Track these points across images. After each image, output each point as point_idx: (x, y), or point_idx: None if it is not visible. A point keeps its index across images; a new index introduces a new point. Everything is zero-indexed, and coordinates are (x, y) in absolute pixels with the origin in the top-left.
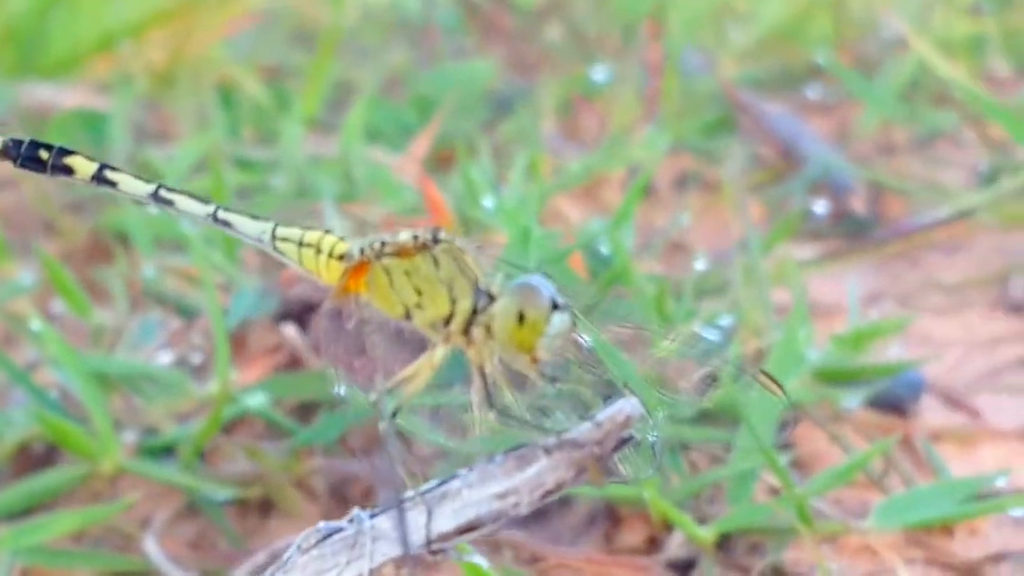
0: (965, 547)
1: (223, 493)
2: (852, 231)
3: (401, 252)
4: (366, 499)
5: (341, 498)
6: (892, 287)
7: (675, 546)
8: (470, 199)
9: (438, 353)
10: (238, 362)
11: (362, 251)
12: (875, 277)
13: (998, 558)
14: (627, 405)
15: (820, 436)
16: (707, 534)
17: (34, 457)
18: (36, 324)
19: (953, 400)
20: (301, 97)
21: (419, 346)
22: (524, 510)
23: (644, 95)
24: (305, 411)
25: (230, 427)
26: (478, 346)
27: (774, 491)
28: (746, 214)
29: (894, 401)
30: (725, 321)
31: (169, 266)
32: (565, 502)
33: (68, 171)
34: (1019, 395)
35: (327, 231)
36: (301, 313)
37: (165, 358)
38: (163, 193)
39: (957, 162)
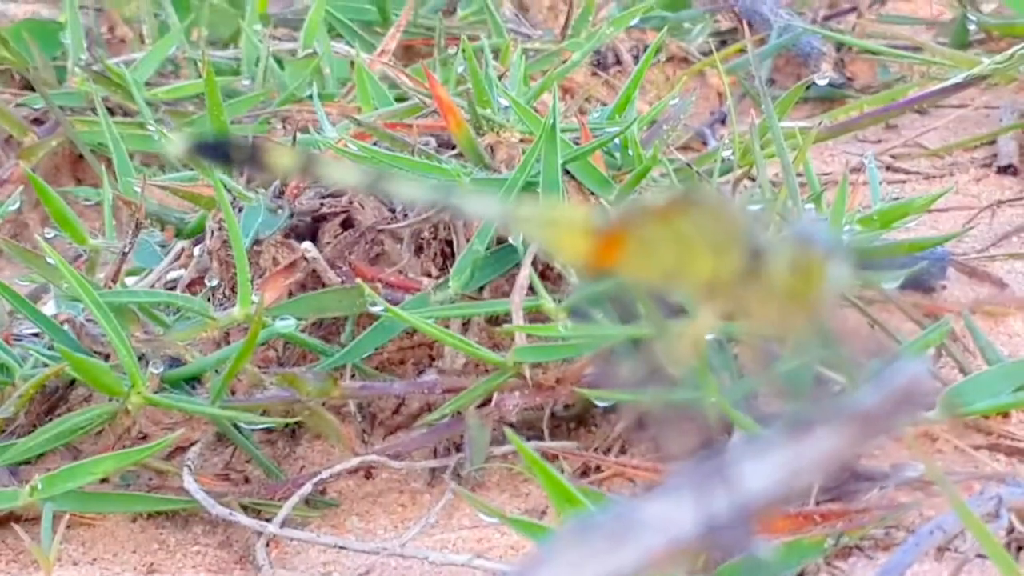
0: None
1: (259, 423)
2: (823, 97)
3: (657, 218)
4: (396, 415)
5: (372, 418)
6: (877, 155)
7: None
8: (479, 97)
9: (706, 319)
10: (255, 282)
11: (614, 221)
12: (856, 145)
13: None
14: (916, 369)
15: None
16: None
17: (47, 396)
18: (51, 258)
19: (976, 273)
20: None
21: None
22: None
23: None
24: (324, 328)
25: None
26: (750, 307)
27: None
28: (762, 85)
29: (921, 279)
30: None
31: (153, 184)
32: (612, 408)
33: None
34: None
35: (567, 204)
36: (313, 226)
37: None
38: None
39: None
